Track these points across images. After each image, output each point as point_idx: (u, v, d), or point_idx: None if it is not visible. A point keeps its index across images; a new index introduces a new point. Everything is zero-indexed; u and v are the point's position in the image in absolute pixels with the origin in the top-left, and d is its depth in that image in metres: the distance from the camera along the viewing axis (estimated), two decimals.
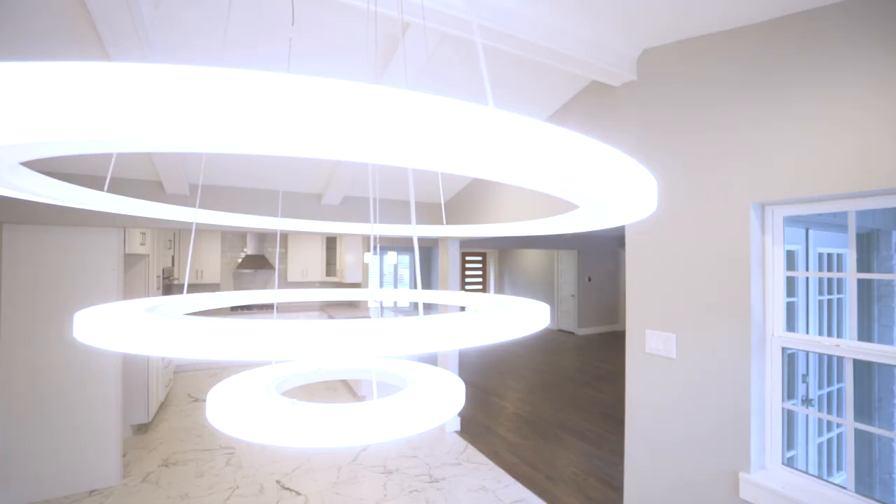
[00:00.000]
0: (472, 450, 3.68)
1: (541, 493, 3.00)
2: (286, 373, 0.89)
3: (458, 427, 4.12)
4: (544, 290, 10.47)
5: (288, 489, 3.02)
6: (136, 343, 0.44)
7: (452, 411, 0.62)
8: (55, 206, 2.81)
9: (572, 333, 9.54)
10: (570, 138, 0.38)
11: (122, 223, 2.97)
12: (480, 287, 12.02)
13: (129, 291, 3.82)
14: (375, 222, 1.00)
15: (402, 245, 7.50)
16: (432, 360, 6.68)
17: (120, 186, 2.97)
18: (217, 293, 0.94)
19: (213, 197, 3.23)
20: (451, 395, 0.62)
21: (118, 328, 0.45)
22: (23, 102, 0.27)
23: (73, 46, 1.83)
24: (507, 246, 10.20)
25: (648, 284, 2.11)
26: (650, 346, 2.10)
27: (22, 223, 2.78)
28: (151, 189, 3.05)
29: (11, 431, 2.79)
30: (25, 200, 2.75)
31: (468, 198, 3.81)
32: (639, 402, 2.14)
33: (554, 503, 2.90)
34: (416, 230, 0.77)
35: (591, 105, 2.46)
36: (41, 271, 2.86)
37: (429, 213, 4.10)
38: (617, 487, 3.10)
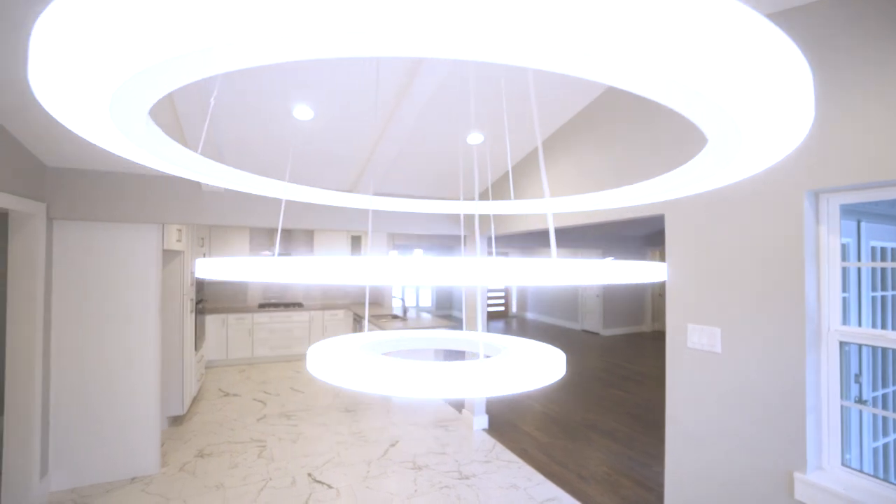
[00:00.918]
0: (500, 447, 3.64)
1: (573, 493, 2.94)
2: (393, 337, 1.01)
3: (485, 425, 4.09)
4: (566, 289, 10.33)
5: (319, 482, 3.05)
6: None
7: (555, 374, 0.62)
8: (101, 203, 2.91)
9: (597, 334, 9.37)
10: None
11: (161, 220, 3.06)
12: (502, 289, 11.94)
13: (166, 286, 3.93)
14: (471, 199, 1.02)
15: (427, 243, 7.52)
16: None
17: (159, 183, 3.05)
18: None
19: (243, 193, 3.30)
20: (554, 361, 0.62)
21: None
22: None
23: None
24: (530, 245, 10.11)
25: (691, 278, 2.05)
26: (692, 340, 2.03)
27: (71, 220, 2.89)
28: (189, 186, 3.13)
29: (61, 420, 2.90)
30: (76, 198, 2.86)
31: (498, 191, 3.78)
32: (681, 399, 2.08)
33: (588, 503, 2.85)
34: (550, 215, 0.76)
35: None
36: (87, 265, 2.96)
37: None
38: (652, 489, 3.02)
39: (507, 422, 4.23)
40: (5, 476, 2.64)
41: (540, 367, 0.58)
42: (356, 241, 7.31)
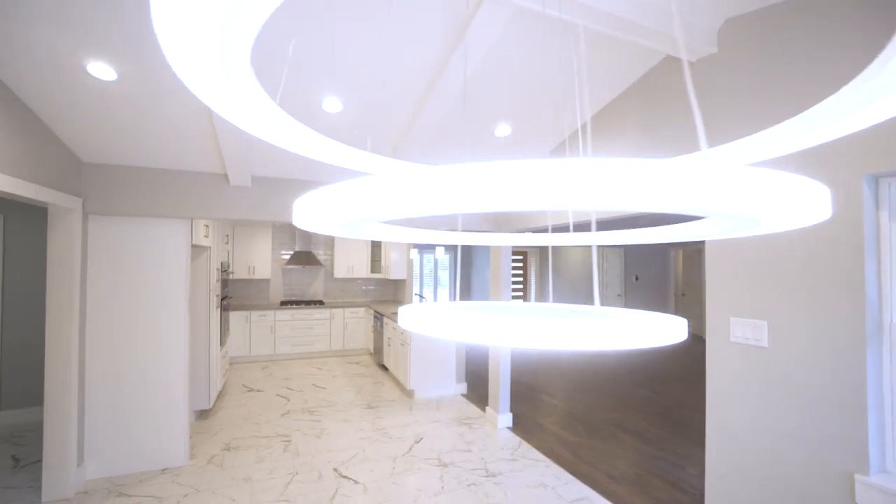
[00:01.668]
0: (526, 446, 3.58)
1: (604, 493, 2.87)
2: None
3: (509, 423, 4.03)
4: (588, 289, 10.17)
5: (346, 477, 3.04)
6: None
7: (677, 335, 0.59)
8: (134, 198, 2.96)
9: None
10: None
11: (191, 214, 3.10)
12: (521, 286, 11.83)
13: (193, 281, 3.99)
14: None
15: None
16: (484, 358, 6.61)
17: (189, 179, 3.09)
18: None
19: (268, 188, 3.32)
20: (674, 325, 0.59)
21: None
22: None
23: None
24: (547, 243, 9.99)
25: (733, 269, 1.96)
26: (735, 334, 1.95)
27: (105, 214, 2.95)
28: (217, 181, 3.16)
29: (95, 410, 2.96)
30: (110, 193, 2.91)
31: None
32: (723, 396, 2.00)
33: None
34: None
35: (662, 83, 2.33)
36: (120, 259, 3.02)
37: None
38: (686, 490, 2.92)
39: (532, 420, 4.17)
40: (45, 462, 2.70)
41: (661, 325, 0.54)
42: (376, 242, 7.31)
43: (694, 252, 9.35)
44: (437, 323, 0.64)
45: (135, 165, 2.97)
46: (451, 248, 10.88)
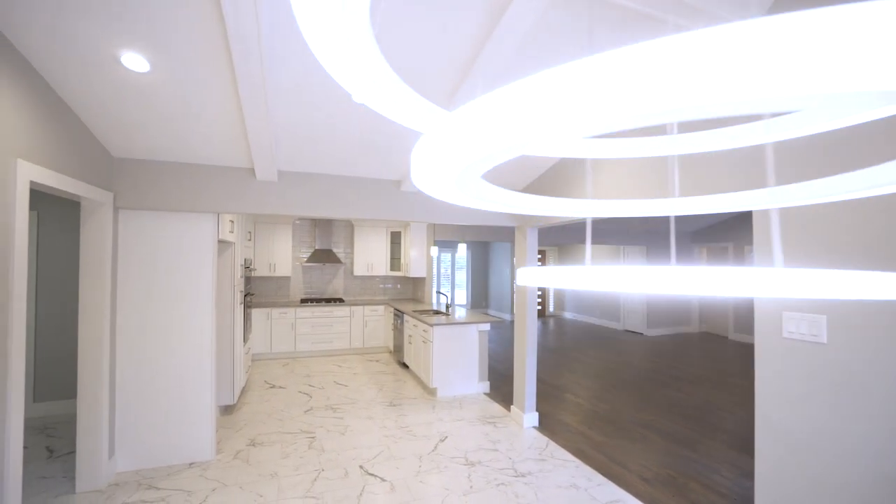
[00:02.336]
0: (554, 446, 3.50)
1: (638, 495, 2.77)
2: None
3: (535, 423, 3.95)
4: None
5: (372, 474, 3.00)
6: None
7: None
8: (163, 193, 2.98)
9: (640, 334, 9.02)
10: None
11: (218, 209, 3.10)
12: (539, 288, 11.69)
13: (219, 275, 4.01)
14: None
15: (470, 236, 7.42)
16: (505, 357, 6.53)
17: (216, 174, 3.10)
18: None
19: (294, 182, 3.30)
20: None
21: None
22: None
23: None
24: (568, 242, 9.85)
25: (786, 259, 1.86)
26: (789, 329, 1.84)
27: (135, 209, 2.97)
28: (244, 176, 3.16)
29: (125, 403, 2.98)
30: (140, 188, 2.93)
31: (550, 182, 3.64)
32: (774, 395, 1.89)
33: None
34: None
35: None
36: (148, 254, 3.03)
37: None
38: (725, 495, 2.81)
39: (558, 420, 4.08)
40: (79, 454, 2.73)
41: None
42: (395, 237, 7.30)
43: (719, 249, 9.11)
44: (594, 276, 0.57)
45: (163, 160, 2.99)
46: (473, 246, 10.83)
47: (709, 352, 7.34)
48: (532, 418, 3.94)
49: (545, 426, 3.93)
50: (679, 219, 8.47)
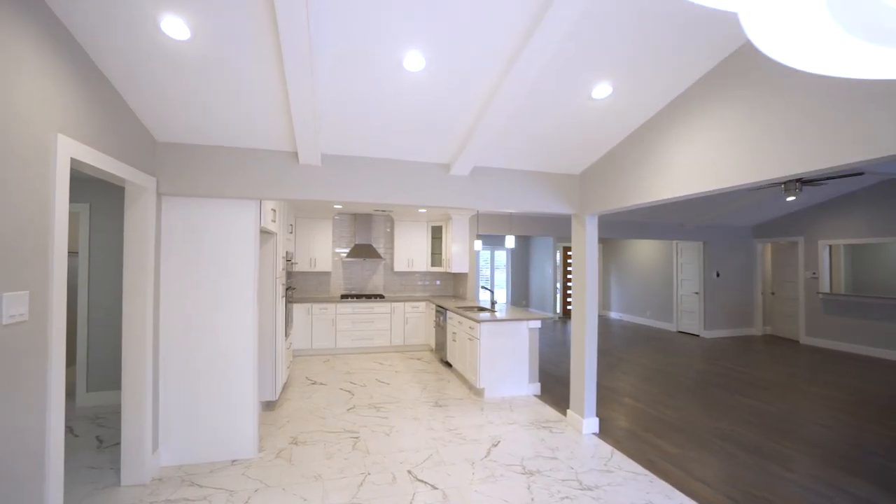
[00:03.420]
0: (620, 456, 3.14)
1: None
2: None
3: (595, 429, 3.59)
4: (661, 286, 9.38)
5: (422, 481, 2.76)
6: None
7: None
8: (205, 179, 2.86)
9: (696, 336, 8.37)
10: None
11: (260, 195, 2.96)
12: None
13: (261, 267, 3.90)
14: None
15: (517, 227, 7.08)
16: (553, 357, 6.18)
17: (258, 158, 2.96)
18: None
19: (337, 167, 3.12)
20: None
21: None
22: None
23: None
24: (615, 236, 9.30)
25: None
26: None
27: (178, 195, 2.87)
28: (286, 160, 3.01)
29: (169, 397, 2.89)
30: (182, 173, 2.83)
31: (606, 169, 3.29)
32: None
33: None
34: None
35: None
36: (191, 243, 2.93)
37: (562, 183, 3.65)
38: None
39: (620, 427, 3.70)
40: (124, 447, 2.64)
41: None
42: (436, 232, 7.08)
43: (786, 246, 8.32)
44: None
45: (205, 144, 2.87)
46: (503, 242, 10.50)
47: (778, 356, 6.67)
48: (592, 424, 3.59)
49: (607, 433, 3.57)
50: (736, 213, 7.78)
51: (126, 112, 2.41)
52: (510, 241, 4.82)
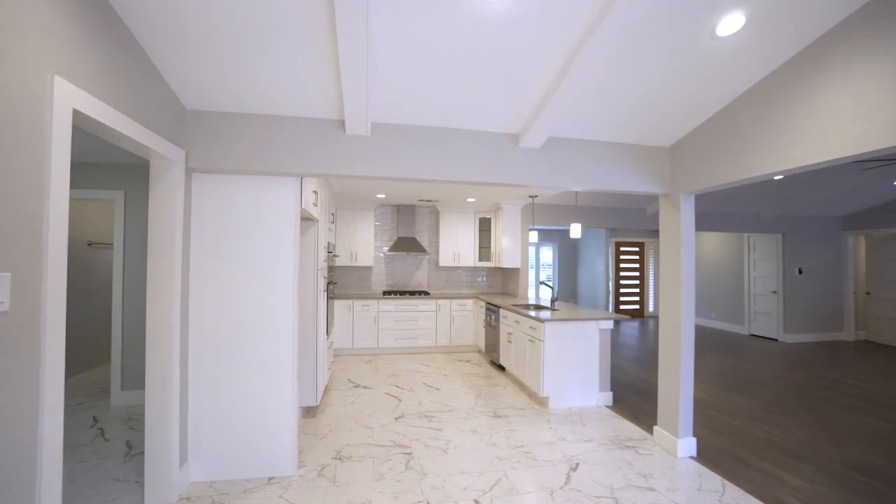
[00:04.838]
0: (734, 490, 2.52)
1: None
2: None
3: (692, 451, 2.98)
4: (729, 284, 8.45)
5: None
6: None
7: None
8: (241, 153, 2.44)
9: (774, 340, 7.44)
10: None
11: (301, 171, 2.55)
12: (637, 282, 10.35)
13: (302, 257, 3.53)
14: None
15: (584, 215, 6.47)
16: (618, 362, 5.56)
17: (300, 127, 2.55)
18: None
19: (390, 137, 2.66)
20: None
21: None
22: None
23: None
24: (712, 219, 8.42)
25: None
26: None
27: (209, 172, 2.50)
28: (332, 128, 2.58)
29: (199, 403, 2.53)
30: (215, 146, 2.46)
31: (709, 136, 2.67)
32: None
33: None
34: None
35: None
36: (225, 227, 2.56)
37: (649, 158, 3.05)
38: None
39: (723, 451, 3.06)
40: (147, 460, 2.29)
41: None
42: (484, 224, 6.56)
43: (884, 239, 7.24)
44: None
45: (240, 112, 2.49)
46: (552, 241, 9.81)
47: (881, 366, 5.72)
48: (688, 445, 2.97)
49: (707, 457, 2.94)
50: (823, 202, 6.79)
51: (154, 75, 2.05)
52: (576, 230, 4.24)
